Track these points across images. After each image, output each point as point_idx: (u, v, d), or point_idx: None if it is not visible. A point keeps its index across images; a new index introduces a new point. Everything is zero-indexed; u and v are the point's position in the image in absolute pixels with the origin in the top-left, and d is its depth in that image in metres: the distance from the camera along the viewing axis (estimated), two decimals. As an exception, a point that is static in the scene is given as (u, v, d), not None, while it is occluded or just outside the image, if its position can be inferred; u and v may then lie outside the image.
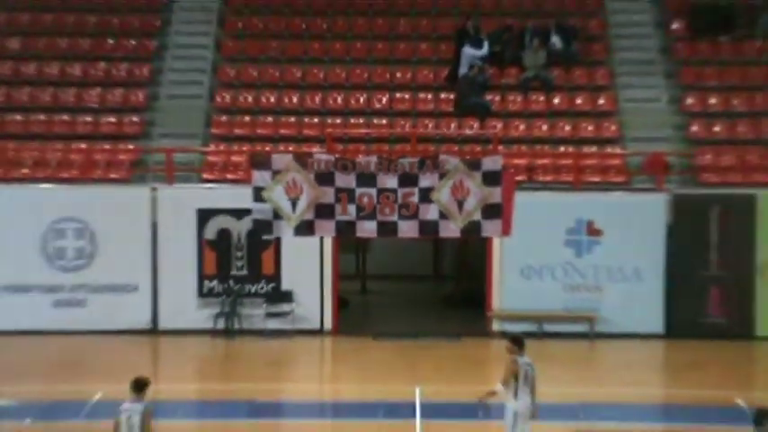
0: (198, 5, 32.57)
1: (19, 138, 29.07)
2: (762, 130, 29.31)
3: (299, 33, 31.76)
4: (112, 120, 29.71)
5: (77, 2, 32.38)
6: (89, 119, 29.63)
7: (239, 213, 25.91)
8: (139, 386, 15.75)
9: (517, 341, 17.94)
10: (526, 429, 17.52)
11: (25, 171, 28.06)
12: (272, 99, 30.21)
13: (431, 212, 24.48)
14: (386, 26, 32.11)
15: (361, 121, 29.68)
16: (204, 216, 26.95)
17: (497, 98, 29.99)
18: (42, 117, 29.55)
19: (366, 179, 24.53)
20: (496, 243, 26.11)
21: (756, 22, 31.26)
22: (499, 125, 29.30)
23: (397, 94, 30.38)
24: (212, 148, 29.04)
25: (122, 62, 30.99)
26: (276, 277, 27.09)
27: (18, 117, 29.54)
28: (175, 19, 32.25)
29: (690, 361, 25.61)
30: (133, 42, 31.51)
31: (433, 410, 20.23)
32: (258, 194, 24.52)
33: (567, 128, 29.49)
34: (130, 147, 29.06)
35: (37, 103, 29.88)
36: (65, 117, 29.62)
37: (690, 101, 30.11)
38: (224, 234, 27.00)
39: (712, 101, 30.10)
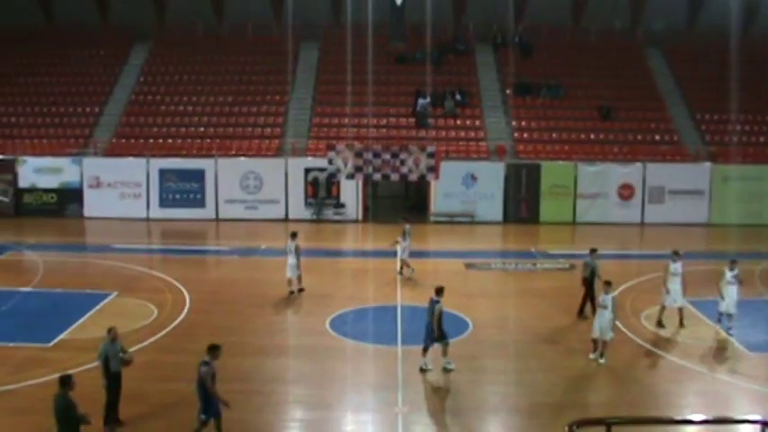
0: (305, 82, 30.64)
1: (227, 137, 27.63)
2: (543, 136, 27.98)
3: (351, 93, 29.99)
4: (269, 130, 28.28)
5: (257, 79, 30.41)
6: (259, 130, 28.24)
7: (322, 170, 24.91)
8: (294, 234, 16.17)
9: (405, 219, 18.37)
10: (408, 262, 17.59)
11: (232, 152, 26.83)
12: (337, 121, 28.62)
13: (404, 170, 23.32)
14: (388, 90, 30.07)
15: (375, 130, 28.12)
16: (307, 171, 25.82)
17: (433, 121, 28.49)
18: (240, 129, 28.14)
19: (377, 155, 23.39)
20: (433, 183, 25.15)
21: (541, 90, 29.44)
22: (433, 132, 28.00)
23: (391, 119, 28.80)
24: (311, 142, 27.51)
25: (272, 105, 29.39)
26: (338, 197, 25.97)
27: (231, 129, 28.13)
28: (296, 87, 30.32)
29: (513, 233, 24.85)
30: (278, 97, 29.82)
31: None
32: (330, 162, 23.38)
33: (462, 134, 28.10)
34: (276, 141, 27.66)
35: (238, 124, 28.33)
36: (249, 129, 28.19)
37: (514, 123, 28.62)
38: (316, 179, 25.74)
39: (523, 123, 28.65)
